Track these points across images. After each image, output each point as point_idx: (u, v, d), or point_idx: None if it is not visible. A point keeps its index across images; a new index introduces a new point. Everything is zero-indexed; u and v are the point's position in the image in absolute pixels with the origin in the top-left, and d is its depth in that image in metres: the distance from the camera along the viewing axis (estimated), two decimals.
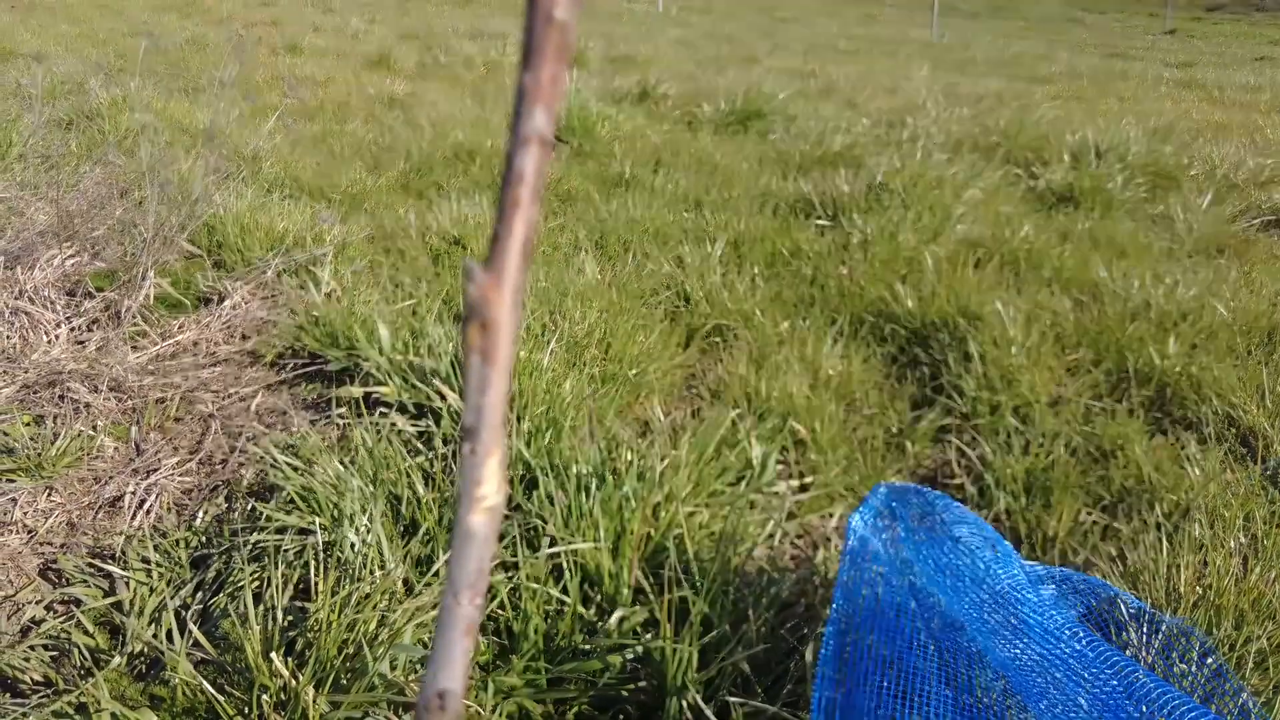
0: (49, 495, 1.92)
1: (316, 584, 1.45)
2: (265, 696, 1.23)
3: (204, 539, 1.73)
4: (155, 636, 1.42)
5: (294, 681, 1.24)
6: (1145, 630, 1.42)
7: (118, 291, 2.67)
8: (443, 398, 2.07)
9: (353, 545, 1.54)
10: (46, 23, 8.04)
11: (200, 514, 1.80)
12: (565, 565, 1.53)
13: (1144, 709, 1.11)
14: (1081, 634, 1.32)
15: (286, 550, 1.58)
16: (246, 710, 1.24)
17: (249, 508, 1.78)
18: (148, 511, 1.89)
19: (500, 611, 1.47)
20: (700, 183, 3.94)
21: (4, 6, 8.92)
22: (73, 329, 2.56)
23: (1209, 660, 1.36)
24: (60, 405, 2.20)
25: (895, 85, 6.74)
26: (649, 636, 1.44)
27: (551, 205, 3.75)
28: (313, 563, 1.49)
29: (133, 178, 3.35)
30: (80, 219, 3.09)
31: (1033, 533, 1.88)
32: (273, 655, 1.26)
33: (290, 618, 1.44)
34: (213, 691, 1.24)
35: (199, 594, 1.57)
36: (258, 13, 10.45)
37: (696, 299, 2.71)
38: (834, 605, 1.35)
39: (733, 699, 1.33)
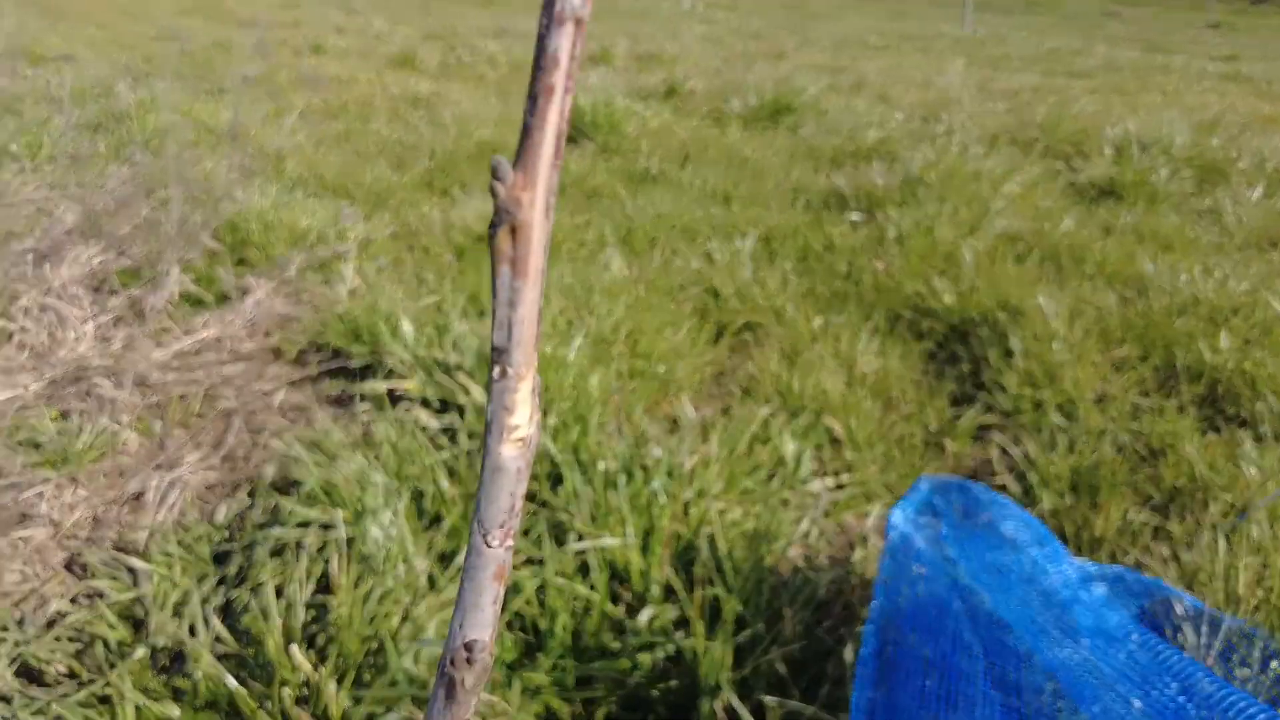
0: (74, 489, 1.91)
1: (338, 579, 1.41)
2: (287, 690, 1.19)
3: (226, 534, 1.70)
4: (178, 629, 1.39)
5: (315, 675, 1.20)
6: (1205, 632, 1.34)
7: (142, 289, 2.67)
8: (467, 392, 2.03)
9: (375, 540, 1.50)
10: (75, 28, 8.16)
11: (222, 509, 1.77)
12: (596, 561, 1.48)
13: (1204, 713, 1.04)
14: (1136, 634, 1.25)
15: (308, 545, 1.54)
16: (268, 704, 1.21)
17: (271, 503, 1.75)
18: (171, 506, 1.86)
19: (526, 608, 1.42)
20: (729, 178, 3.88)
21: (33, 12, 9.07)
22: (99, 326, 2.56)
23: (1273, 664, 1.28)
24: (86, 400, 2.19)
25: (928, 80, 6.63)
26: (680, 635, 1.39)
27: (577, 202, 3.71)
28: (335, 557, 1.46)
29: (158, 177, 3.36)
30: (107, 218, 3.10)
31: (1079, 532, 1.80)
32: (294, 648, 1.22)
33: (313, 612, 1.40)
34: (235, 684, 1.21)
35: (221, 588, 1.54)
36: (281, 15, 10.55)
37: (726, 295, 2.65)
38: (874, 603, 1.29)
39: (769, 699, 1.27)
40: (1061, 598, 1.37)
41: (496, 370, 0.28)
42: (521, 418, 0.28)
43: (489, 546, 0.27)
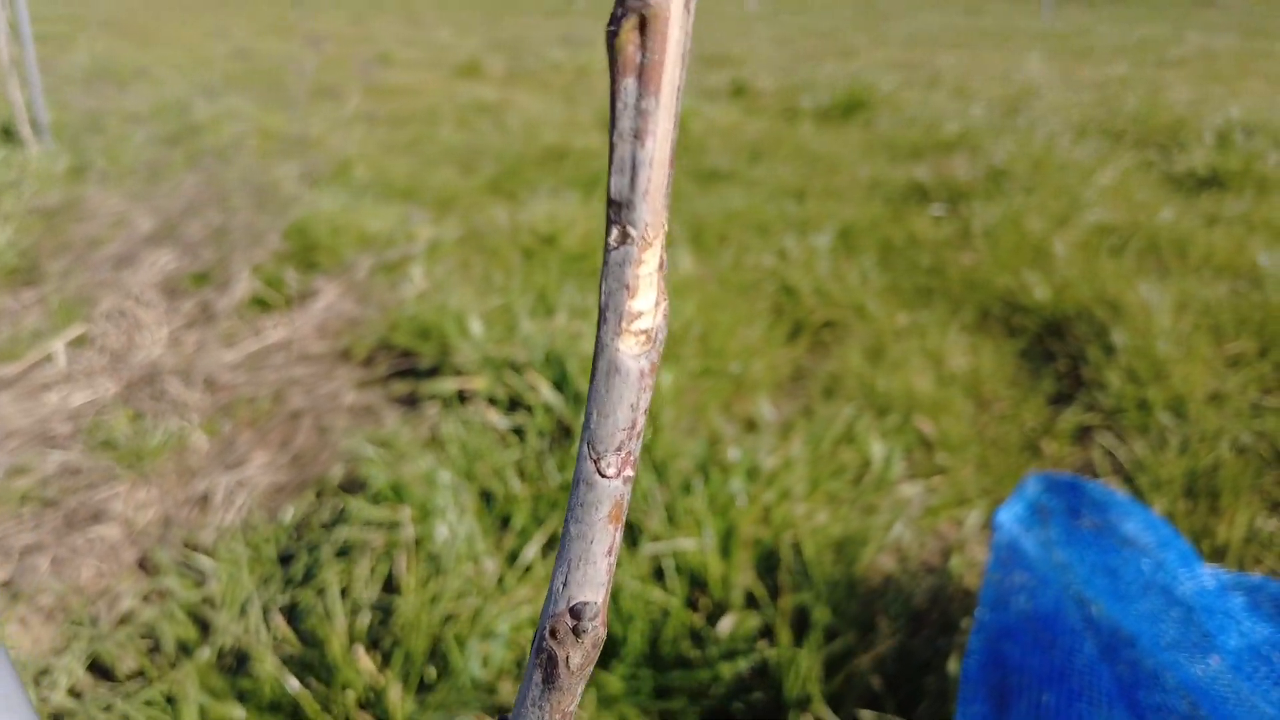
0: (146, 489, 1.90)
1: (405, 579, 1.36)
2: (350, 693, 1.13)
3: (292, 534, 1.66)
4: (243, 630, 1.35)
5: (380, 678, 1.14)
6: None
7: (213, 292, 2.69)
8: (536, 391, 1.97)
9: (443, 539, 1.44)
10: (159, 51, 8.45)
11: (289, 510, 1.74)
12: (672, 565, 1.39)
13: None
14: None
15: (374, 545, 1.49)
16: (332, 707, 1.15)
17: (338, 504, 1.71)
18: (239, 507, 1.84)
19: None
20: (802, 174, 3.76)
21: (121, 38, 9.43)
22: (171, 329, 2.58)
23: None
24: (158, 401, 2.20)
25: (1006, 73, 6.39)
26: (764, 644, 1.29)
27: None
28: (402, 556, 1.40)
29: (229, 183, 3.40)
30: (180, 223, 3.15)
31: (1199, 540, 1.64)
32: (358, 650, 1.16)
33: (378, 614, 1.35)
34: (297, 686, 1.15)
35: (287, 589, 1.50)
36: (351, 30, 10.79)
37: (803, 291, 2.54)
38: (979, 611, 1.18)
39: (866, 713, 1.16)
40: (1194, 607, 1.23)
41: (614, 233, 0.19)
42: (646, 302, 0.20)
43: (603, 476, 0.19)
